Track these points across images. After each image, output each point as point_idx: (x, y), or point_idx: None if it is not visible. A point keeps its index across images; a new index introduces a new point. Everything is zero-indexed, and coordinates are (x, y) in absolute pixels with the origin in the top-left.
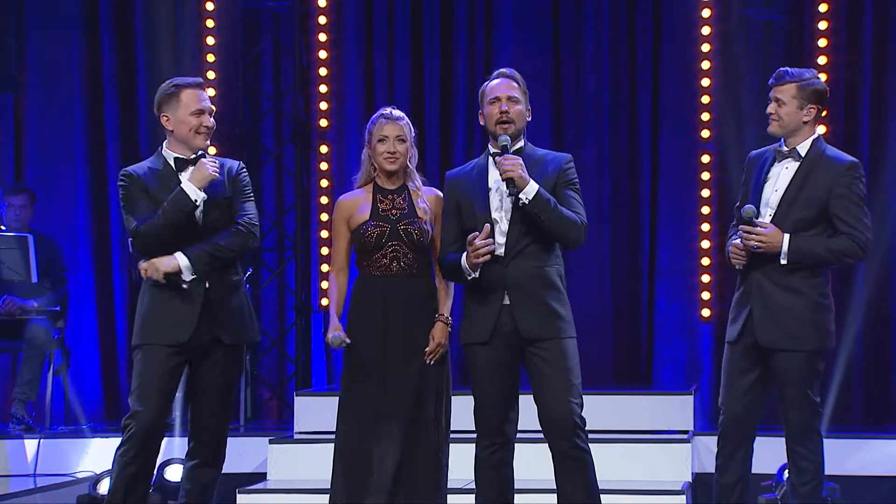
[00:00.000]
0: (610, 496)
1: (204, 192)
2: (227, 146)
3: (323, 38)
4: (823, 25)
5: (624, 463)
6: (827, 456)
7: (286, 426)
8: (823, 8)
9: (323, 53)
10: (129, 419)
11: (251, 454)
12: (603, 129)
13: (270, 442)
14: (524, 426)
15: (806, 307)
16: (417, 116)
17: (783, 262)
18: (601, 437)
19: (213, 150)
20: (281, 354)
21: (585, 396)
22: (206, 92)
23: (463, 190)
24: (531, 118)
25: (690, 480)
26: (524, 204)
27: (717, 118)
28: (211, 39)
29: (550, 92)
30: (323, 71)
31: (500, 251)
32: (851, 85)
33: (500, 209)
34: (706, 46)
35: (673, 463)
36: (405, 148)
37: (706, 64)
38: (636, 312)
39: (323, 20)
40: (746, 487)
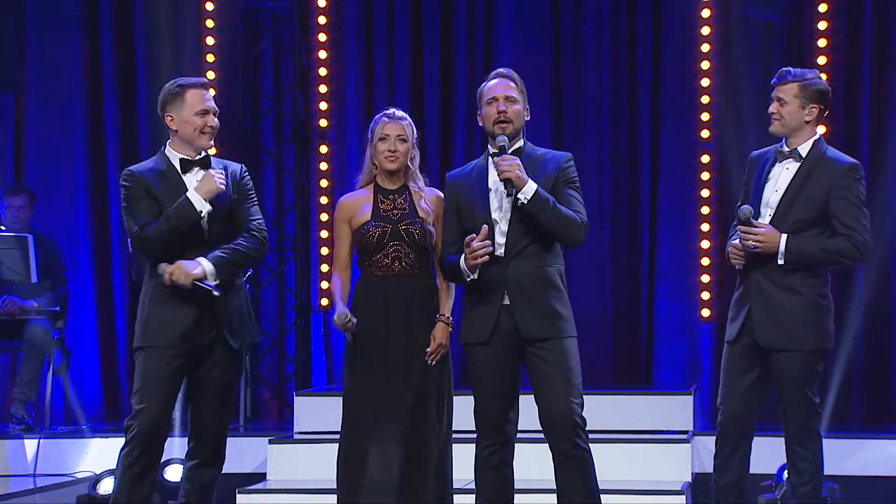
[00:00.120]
0: (610, 496)
1: (209, 201)
2: (226, 146)
3: (323, 38)
4: (823, 25)
5: (624, 463)
6: (826, 456)
7: (286, 426)
8: (823, 8)
9: (323, 53)
10: (131, 420)
11: (251, 454)
12: (603, 129)
13: (270, 442)
14: (524, 426)
15: (805, 307)
16: (417, 116)
17: (780, 262)
18: (601, 437)
19: (212, 150)
20: (281, 354)
21: (585, 396)
22: (210, 92)
23: (463, 191)
24: (530, 117)
25: (690, 480)
26: (523, 204)
27: (716, 118)
28: (211, 39)
29: (550, 92)
30: (323, 71)
31: (499, 251)
32: (851, 85)
33: (499, 209)
34: (706, 46)
35: (673, 463)
36: (406, 148)
37: (706, 64)
38: (636, 312)
39: (323, 20)
40: (745, 487)
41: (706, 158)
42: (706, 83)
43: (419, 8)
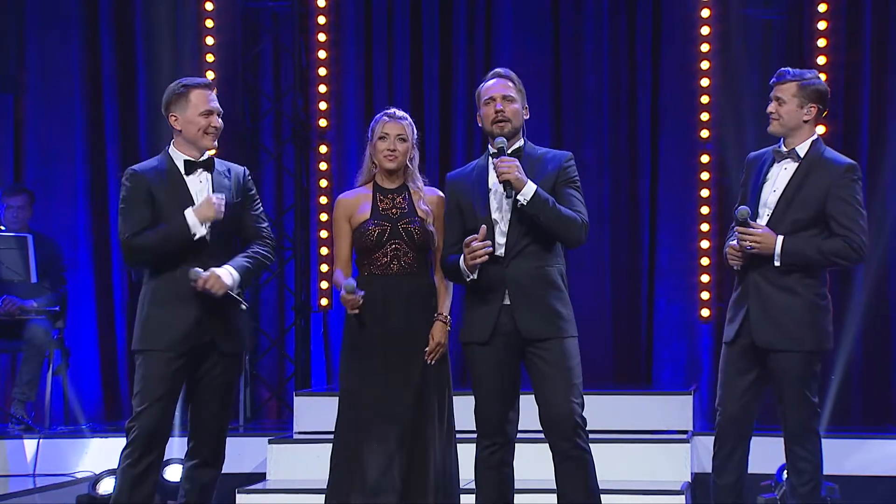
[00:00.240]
0: (610, 496)
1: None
2: (226, 146)
3: (322, 38)
4: (823, 25)
5: (624, 463)
6: (826, 456)
7: (285, 426)
8: (823, 8)
9: (322, 53)
10: (132, 422)
11: (250, 454)
12: (603, 129)
13: (270, 442)
14: (524, 426)
15: (803, 308)
16: (417, 117)
17: (776, 263)
18: (601, 437)
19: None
20: (280, 354)
21: (585, 396)
22: (214, 93)
23: (463, 191)
24: (529, 117)
25: (690, 480)
26: (522, 205)
27: (716, 118)
28: (210, 39)
29: (550, 92)
30: (322, 71)
31: (500, 251)
32: (851, 85)
33: (499, 210)
34: (706, 46)
35: (672, 463)
36: (406, 147)
37: (706, 64)
38: (636, 312)
39: (322, 20)
40: (744, 487)
41: (706, 158)
42: (706, 83)
43: (419, 8)
